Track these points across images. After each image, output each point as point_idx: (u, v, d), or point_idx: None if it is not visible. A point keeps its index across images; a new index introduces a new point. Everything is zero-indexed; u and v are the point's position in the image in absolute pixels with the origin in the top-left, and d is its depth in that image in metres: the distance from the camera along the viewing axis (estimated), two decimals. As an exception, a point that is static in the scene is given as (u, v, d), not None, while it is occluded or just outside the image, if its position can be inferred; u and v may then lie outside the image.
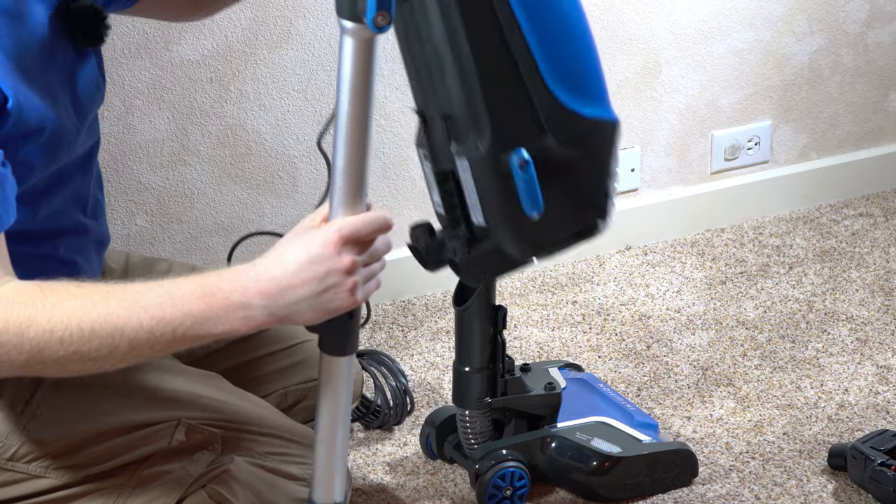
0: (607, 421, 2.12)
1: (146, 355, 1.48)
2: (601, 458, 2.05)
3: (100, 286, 1.47)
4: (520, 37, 1.79)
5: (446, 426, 2.13)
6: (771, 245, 2.91)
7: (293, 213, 2.59)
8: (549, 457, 2.06)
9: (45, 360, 1.44)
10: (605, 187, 1.91)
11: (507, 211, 1.84)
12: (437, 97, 1.83)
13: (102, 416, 1.69)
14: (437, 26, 1.78)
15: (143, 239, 2.51)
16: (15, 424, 1.66)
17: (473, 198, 1.85)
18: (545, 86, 1.81)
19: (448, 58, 1.79)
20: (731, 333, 2.56)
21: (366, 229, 1.51)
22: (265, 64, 2.49)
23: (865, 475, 2.05)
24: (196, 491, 1.70)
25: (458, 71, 1.79)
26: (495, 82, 1.80)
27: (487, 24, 1.78)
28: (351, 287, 1.50)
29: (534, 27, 1.80)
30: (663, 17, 2.81)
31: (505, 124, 1.81)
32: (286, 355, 2.02)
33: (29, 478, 1.67)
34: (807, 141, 3.06)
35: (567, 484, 2.08)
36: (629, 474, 2.06)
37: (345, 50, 1.51)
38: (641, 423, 2.15)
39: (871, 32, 3.01)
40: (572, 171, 1.87)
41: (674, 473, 2.10)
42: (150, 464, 1.70)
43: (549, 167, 1.84)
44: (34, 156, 1.55)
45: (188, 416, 1.72)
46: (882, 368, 2.43)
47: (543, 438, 2.06)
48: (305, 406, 2.03)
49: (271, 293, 1.47)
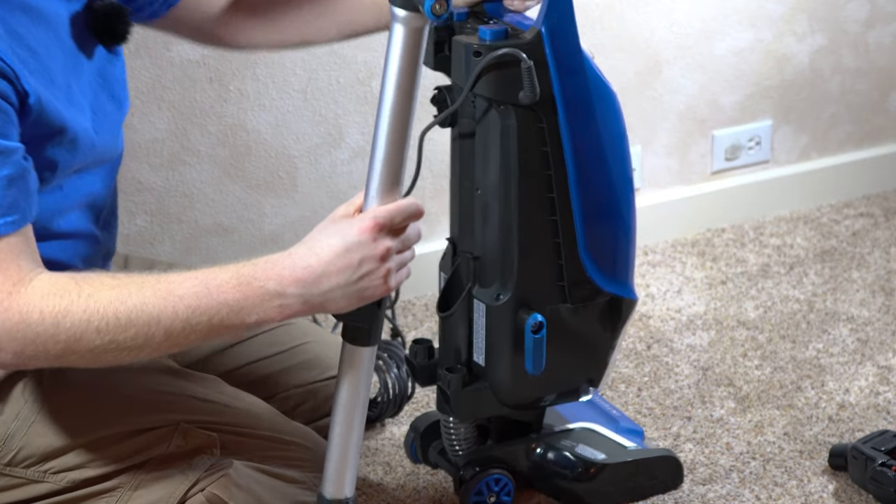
0: (593, 427, 2.10)
1: (181, 345, 1.49)
2: (586, 465, 2.03)
3: (134, 277, 1.48)
4: (567, 207, 1.86)
5: (431, 432, 2.11)
6: (771, 245, 2.91)
7: (293, 213, 2.59)
8: (534, 463, 2.04)
9: (80, 351, 1.45)
10: (605, 358, 1.99)
11: (508, 362, 1.91)
12: (474, 238, 1.90)
13: (101, 421, 1.69)
14: (494, 178, 1.85)
15: (143, 239, 2.50)
16: (14, 429, 1.66)
17: (481, 339, 1.92)
18: (578, 258, 1.89)
19: (495, 208, 1.86)
20: (732, 333, 2.56)
21: (400, 216, 1.53)
22: (265, 64, 2.49)
23: (866, 475, 2.05)
24: (195, 495, 1.69)
25: (501, 223, 1.86)
26: (533, 245, 1.87)
27: (540, 189, 1.85)
28: (385, 274, 1.51)
29: (582, 199, 1.87)
30: (663, 17, 2.81)
31: (530, 287, 1.88)
32: (287, 357, 2.02)
33: (27, 482, 1.67)
34: (807, 141, 3.06)
35: (552, 490, 2.07)
36: (614, 481, 2.05)
37: (394, 39, 1.51)
38: (627, 430, 2.13)
39: (872, 32, 3.01)
40: (580, 339, 1.95)
41: (659, 480, 2.09)
42: (149, 468, 1.69)
43: (558, 330, 1.91)
44: (56, 156, 1.55)
45: (187, 419, 1.72)
46: (883, 369, 2.43)
47: (528, 445, 2.04)
48: (306, 408, 2.03)
49: (307, 281, 1.49)
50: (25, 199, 1.46)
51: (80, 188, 1.66)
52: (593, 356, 1.97)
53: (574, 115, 1.82)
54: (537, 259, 1.88)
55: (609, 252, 1.92)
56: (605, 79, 1.85)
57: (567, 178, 1.84)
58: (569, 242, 1.87)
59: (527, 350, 1.89)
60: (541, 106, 1.79)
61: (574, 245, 1.87)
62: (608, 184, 1.89)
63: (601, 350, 1.97)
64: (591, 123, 1.84)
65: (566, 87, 1.80)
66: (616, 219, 1.92)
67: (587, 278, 1.90)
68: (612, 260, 1.92)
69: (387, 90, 1.52)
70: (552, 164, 1.83)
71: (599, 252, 1.90)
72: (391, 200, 1.54)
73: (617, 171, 1.89)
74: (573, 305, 1.91)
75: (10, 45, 1.47)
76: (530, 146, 1.81)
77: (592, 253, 1.89)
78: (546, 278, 1.89)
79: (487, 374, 1.93)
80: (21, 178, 1.45)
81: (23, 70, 1.47)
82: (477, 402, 1.95)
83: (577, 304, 1.91)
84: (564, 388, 1.99)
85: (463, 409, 1.96)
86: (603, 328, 1.95)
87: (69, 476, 1.67)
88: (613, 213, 1.91)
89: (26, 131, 1.48)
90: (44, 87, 1.51)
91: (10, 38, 1.47)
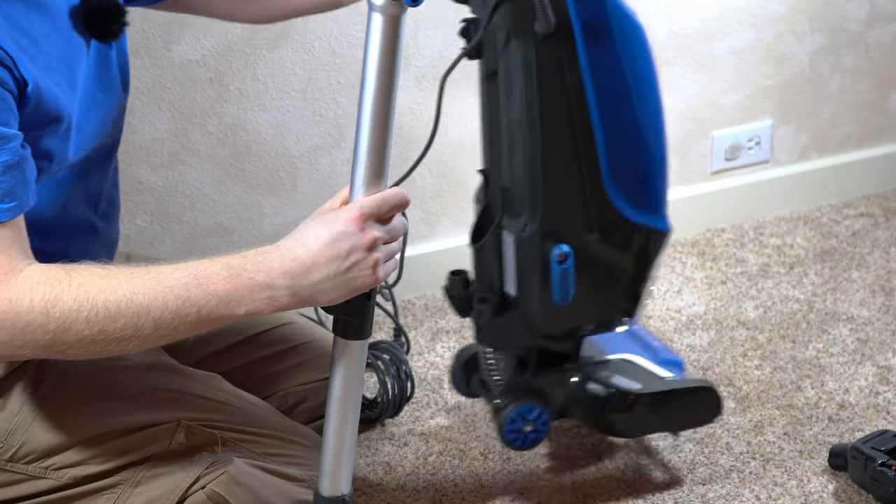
0: (630, 358, 2.11)
1: (170, 337, 1.49)
2: (622, 394, 2.03)
3: (124, 268, 1.48)
4: (589, 137, 1.86)
5: (473, 362, 2.14)
6: (771, 245, 2.91)
7: (293, 214, 2.59)
8: (570, 393, 2.05)
9: (68, 341, 1.45)
10: (637, 290, 2.00)
11: (537, 293, 1.92)
12: (501, 169, 1.91)
13: (103, 418, 1.69)
14: (517, 109, 1.86)
15: (143, 239, 2.51)
16: (16, 425, 1.66)
17: (511, 270, 1.93)
18: (602, 187, 1.89)
19: (520, 139, 1.87)
20: (732, 333, 2.56)
21: (386, 206, 1.52)
22: (265, 64, 2.49)
23: (866, 475, 2.05)
24: (196, 492, 1.70)
25: (526, 154, 1.87)
26: (558, 176, 1.87)
27: (562, 119, 1.85)
28: (373, 264, 1.51)
29: (605, 130, 1.88)
30: (663, 17, 2.81)
31: (555, 218, 1.89)
32: (287, 357, 2.02)
33: (29, 479, 1.67)
34: (807, 141, 3.06)
35: (588, 420, 2.08)
36: (650, 410, 2.05)
37: (373, 27, 1.51)
38: (666, 360, 2.13)
39: (872, 32, 3.01)
40: (609, 270, 1.95)
41: (696, 411, 2.08)
42: (150, 465, 1.70)
43: (587, 261, 1.92)
44: (52, 146, 1.56)
45: (188, 417, 1.72)
46: (882, 368, 2.43)
47: (564, 375, 2.05)
48: (306, 407, 2.03)
49: (295, 273, 1.49)
50: (23, 187, 1.46)
51: (76, 178, 1.66)
52: (625, 287, 1.97)
53: (592, 43, 1.82)
54: (562, 189, 1.88)
55: (636, 182, 1.91)
56: (627, 9, 1.84)
57: (588, 107, 1.84)
58: (592, 172, 1.88)
59: (553, 280, 1.90)
60: (559, 35, 1.79)
61: (598, 174, 1.88)
62: (632, 113, 1.88)
63: (633, 281, 1.97)
64: (611, 52, 1.84)
65: (583, 14, 1.80)
66: (642, 148, 1.90)
67: (613, 208, 1.90)
68: (639, 190, 1.92)
69: (367, 81, 1.51)
70: (573, 94, 1.83)
71: (625, 181, 1.89)
72: (377, 191, 1.54)
73: (643, 102, 1.88)
74: (601, 235, 1.91)
75: (8, 33, 1.47)
76: (551, 76, 1.82)
77: (617, 182, 1.89)
78: (572, 209, 1.89)
79: (519, 305, 1.95)
80: (18, 166, 1.45)
81: (21, 57, 1.47)
82: (508, 331, 1.97)
83: (604, 235, 1.91)
84: (596, 319, 1.99)
85: (495, 338, 1.98)
86: (633, 259, 1.95)
87: (70, 472, 1.67)
88: (639, 142, 1.90)
89: (24, 120, 1.48)
90: (42, 74, 1.51)
91: (8, 25, 1.47)
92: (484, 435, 2.25)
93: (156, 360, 1.82)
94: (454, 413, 2.32)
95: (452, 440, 2.24)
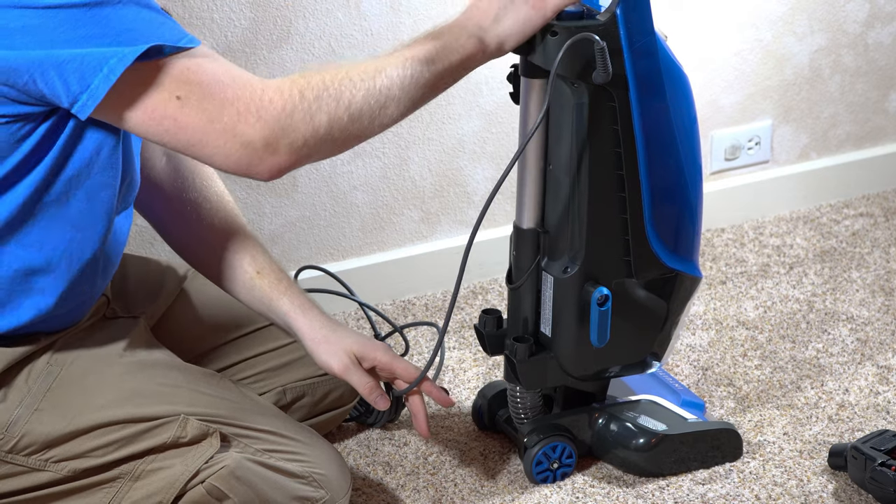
0: (655, 399, 2.16)
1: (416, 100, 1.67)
2: (648, 435, 2.08)
3: None
4: (636, 184, 1.91)
5: (498, 399, 2.19)
6: (771, 245, 2.91)
7: (293, 213, 2.59)
8: (597, 432, 2.10)
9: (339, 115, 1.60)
10: (668, 333, 2.05)
11: (574, 334, 1.98)
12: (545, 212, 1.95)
13: (103, 411, 1.70)
14: (565, 154, 1.89)
15: (143, 239, 2.50)
16: (17, 416, 1.67)
17: (548, 311, 1.99)
18: (644, 234, 1.94)
19: (566, 184, 1.91)
20: (732, 333, 2.56)
21: None
22: (265, 64, 2.49)
23: (866, 475, 2.05)
24: (195, 486, 1.70)
25: (571, 199, 1.91)
26: (602, 221, 1.92)
27: (610, 167, 1.90)
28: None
29: (650, 178, 1.92)
30: (663, 17, 2.80)
31: (597, 261, 1.94)
32: (284, 353, 2.03)
33: (29, 471, 1.68)
34: (807, 141, 3.06)
35: (613, 459, 2.13)
36: (674, 451, 2.10)
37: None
38: (688, 402, 2.20)
39: (872, 32, 3.01)
40: (643, 313, 2.01)
41: (718, 452, 2.14)
42: (150, 459, 1.70)
43: (623, 304, 1.97)
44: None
45: (188, 411, 1.73)
46: (882, 368, 2.43)
47: (591, 414, 2.10)
48: (304, 403, 2.03)
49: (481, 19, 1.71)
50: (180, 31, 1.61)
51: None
52: (657, 330, 2.03)
53: (645, 95, 1.85)
54: (605, 235, 1.93)
55: (675, 230, 1.96)
56: (677, 61, 1.89)
57: (636, 156, 1.88)
58: (636, 219, 1.92)
59: (592, 322, 1.95)
60: (613, 85, 1.82)
61: (641, 222, 1.92)
62: (677, 164, 1.93)
63: (665, 325, 2.02)
64: (661, 104, 1.88)
65: (638, 67, 1.84)
66: (683, 199, 1.96)
67: (653, 255, 1.95)
68: (678, 238, 1.97)
69: None
70: (622, 143, 1.87)
71: (666, 230, 1.95)
72: None
73: (686, 152, 1.93)
74: (639, 280, 1.96)
75: None
76: (602, 124, 1.86)
77: (659, 230, 1.94)
78: (613, 253, 1.94)
79: (553, 345, 1.99)
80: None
81: None
82: (542, 371, 2.01)
83: (642, 279, 1.96)
84: (628, 360, 2.04)
85: (529, 378, 2.01)
86: (667, 303, 2.00)
87: (70, 465, 1.68)
88: (681, 193, 1.95)
89: None
90: None
91: None
92: (484, 435, 2.25)
93: (156, 355, 1.82)
94: (454, 413, 2.32)
95: (452, 440, 2.24)
